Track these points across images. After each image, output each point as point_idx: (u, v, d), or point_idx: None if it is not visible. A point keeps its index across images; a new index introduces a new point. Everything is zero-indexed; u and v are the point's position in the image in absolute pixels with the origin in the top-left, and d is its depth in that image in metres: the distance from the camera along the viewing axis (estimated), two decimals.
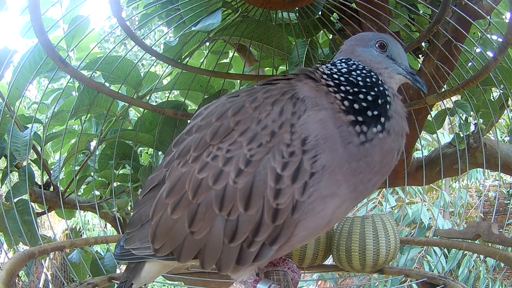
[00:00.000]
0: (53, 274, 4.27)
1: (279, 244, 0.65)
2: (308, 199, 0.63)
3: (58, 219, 4.30)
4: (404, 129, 0.70)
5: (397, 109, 0.69)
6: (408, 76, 0.74)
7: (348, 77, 0.70)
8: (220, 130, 0.67)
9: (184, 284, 1.25)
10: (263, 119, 0.65)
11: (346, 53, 0.76)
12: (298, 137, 0.63)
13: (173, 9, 1.34)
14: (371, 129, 0.65)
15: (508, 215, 4.30)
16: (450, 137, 2.59)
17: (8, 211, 1.24)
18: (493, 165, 1.53)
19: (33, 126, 1.31)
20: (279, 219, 0.63)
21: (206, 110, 0.73)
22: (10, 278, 0.75)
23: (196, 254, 0.68)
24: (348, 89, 0.68)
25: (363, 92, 0.68)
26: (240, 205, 0.63)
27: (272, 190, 0.62)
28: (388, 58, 0.75)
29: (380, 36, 0.76)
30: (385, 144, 0.66)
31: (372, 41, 0.75)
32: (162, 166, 0.75)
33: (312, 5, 1.25)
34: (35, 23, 0.95)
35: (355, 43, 0.76)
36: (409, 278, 1.17)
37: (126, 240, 0.77)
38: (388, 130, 0.66)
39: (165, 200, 0.69)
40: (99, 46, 2.96)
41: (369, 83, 0.69)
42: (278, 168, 0.62)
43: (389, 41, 0.76)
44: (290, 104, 0.66)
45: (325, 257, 1.21)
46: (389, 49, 0.75)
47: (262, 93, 0.69)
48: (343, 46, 0.79)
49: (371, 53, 0.74)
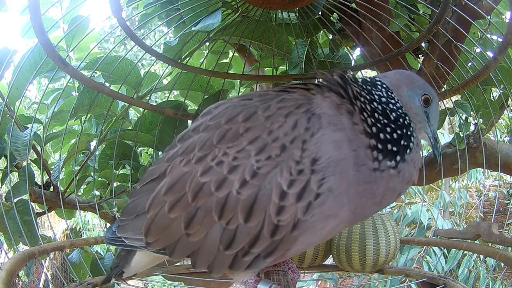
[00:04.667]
0: (53, 274, 4.27)
1: (274, 257, 0.65)
2: (310, 218, 0.62)
3: (58, 219, 4.30)
4: (413, 178, 0.69)
5: (414, 158, 0.69)
6: (432, 140, 0.74)
7: (385, 107, 0.68)
8: (229, 134, 0.66)
9: (184, 284, 1.25)
10: (274, 130, 0.63)
11: (391, 84, 0.73)
12: (308, 155, 0.61)
13: (173, 9, 1.34)
14: (386, 160, 0.65)
15: (508, 215, 4.30)
16: (450, 137, 2.59)
17: (8, 211, 1.24)
18: (493, 165, 1.53)
19: (33, 126, 1.30)
20: (278, 235, 0.62)
21: (217, 109, 0.71)
22: (10, 278, 0.75)
23: (189, 254, 0.67)
24: (380, 118, 0.66)
25: (392, 127, 0.67)
26: (240, 216, 0.62)
27: (275, 206, 0.61)
28: (425, 115, 0.74)
29: (429, 90, 0.74)
30: (392, 181, 0.66)
31: (421, 90, 0.73)
32: (164, 159, 0.73)
33: (312, 5, 1.25)
34: (35, 23, 0.95)
35: (404, 81, 0.74)
36: (409, 278, 1.17)
37: (118, 227, 0.76)
38: (399, 170, 0.66)
39: (164, 197, 0.68)
40: (99, 46, 2.95)
41: (400, 123, 0.68)
42: (285, 185, 0.60)
43: (434, 99, 0.75)
44: (305, 119, 0.63)
45: (325, 257, 1.21)
46: (430, 107, 0.74)
47: (276, 102, 0.67)
48: (390, 73, 0.77)
49: (414, 101, 0.73)
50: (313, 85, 0.71)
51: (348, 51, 1.61)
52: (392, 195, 0.68)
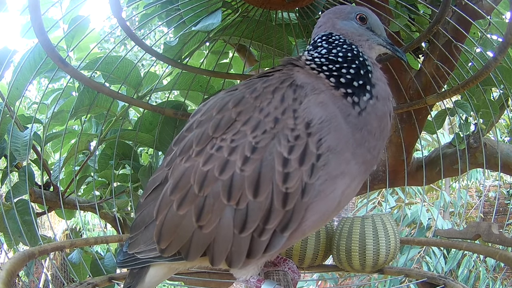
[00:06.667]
0: (53, 274, 4.27)
1: (291, 230, 0.65)
2: (317, 181, 0.63)
3: (58, 219, 4.31)
4: (389, 93, 0.73)
5: (378, 76, 0.73)
6: (388, 46, 0.78)
7: (328, 56, 0.72)
8: (222, 122, 0.68)
9: (184, 284, 1.25)
10: (265, 107, 0.66)
11: (326, 27, 0.78)
12: (301, 121, 0.63)
13: (173, 9, 1.34)
14: (362, 98, 0.68)
15: (508, 215, 4.30)
16: (450, 137, 2.59)
17: (8, 211, 1.24)
18: (493, 165, 1.53)
19: (33, 126, 1.30)
20: (289, 204, 0.63)
21: (205, 106, 0.73)
22: (10, 278, 0.75)
23: (205, 250, 0.67)
24: (331, 67, 0.71)
25: (344, 66, 0.71)
26: (249, 193, 0.63)
27: (280, 175, 0.62)
28: (368, 30, 0.78)
29: (359, 9, 0.79)
30: (377, 109, 0.69)
31: (352, 14, 0.78)
32: (163, 166, 0.73)
33: (312, 5, 1.25)
34: (35, 23, 0.95)
35: (334, 16, 0.78)
36: (409, 278, 1.17)
37: (129, 245, 0.74)
38: (376, 96, 0.69)
39: (170, 197, 0.68)
40: (99, 46, 2.95)
41: (349, 57, 0.72)
42: (285, 152, 0.62)
43: (368, 13, 0.79)
44: (290, 90, 0.67)
45: (325, 257, 1.21)
46: (369, 22, 0.78)
47: (261, 84, 0.70)
48: (321, 19, 0.81)
49: (352, 26, 0.77)
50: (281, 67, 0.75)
51: None
52: (386, 120, 0.71)
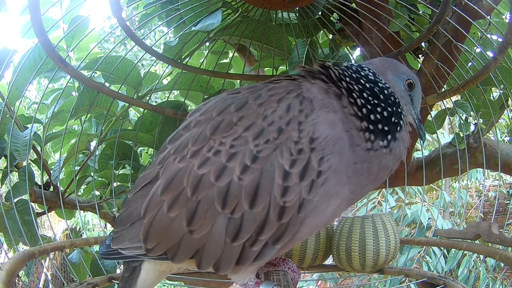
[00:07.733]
0: (53, 274, 4.27)
1: (283, 243, 0.64)
2: (315, 198, 0.62)
3: (58, 219, 4.30)
4: (402, 156, 0.71)
5: (404, 136, 0.71)
6: (416, 121, 0.77)
7: (373, 86, 0.70)
8: (222, 124, 0.65)
9: (184, 284, 1.25)
10: (269, 115, 0.64)
11: (377, 69, 0.75)
12: (306, 135, 0.62)
13: (173, 9, 1.34)
14: (378, 141, 0.66)
15: (508, 215, 4.30)
16: (450, 137, 2.59)
17: (8, 211, 1.24)
18: (493, 165, 1.53)
19: (33, 126, 1.30)
20: (285, 217, 0.62)
21: (206, 105, 0.72)
22: (10, 278, 0.75)
23: (193, 254, 0.65)
24: (370, 98, 0.68)
25: (382, 106, 0.68)
26: (245, 203, 0.61)
27: (279, 188, 0.61)
28: (409, 98, 0.77)
29: (412, 75, 0.77)
30: (384, 159, 0.68)
31: (405, 75, 0.76)
32: (155, 163, 0.71)
33: (312, 5, 1.25)
34: (35, 23, 0.95)
35: (389, 67, 0.77)
36: (409, 278, 1.17)
37: (113, 240, 0.73)
38: (391, 149, 0.68)
39: (161, 197, 0.66)
40: (99, 46, 2.96)
41: (390, 101, 0.70)
42: (287, 165, 0.61)
43: (417, 83, 0.78)
44: (297, 102, 0.65)
45: (325, 257, 1.21)
46: (414, 91, 0.77)
47: (266, 91, 0.68)
48: (374, 60, 0.79)
49: (399, 85, 0.75)
50: (297, 76, 0.73)
51: (348, 51, 1.61)
52: (385, 172, 0.70)
